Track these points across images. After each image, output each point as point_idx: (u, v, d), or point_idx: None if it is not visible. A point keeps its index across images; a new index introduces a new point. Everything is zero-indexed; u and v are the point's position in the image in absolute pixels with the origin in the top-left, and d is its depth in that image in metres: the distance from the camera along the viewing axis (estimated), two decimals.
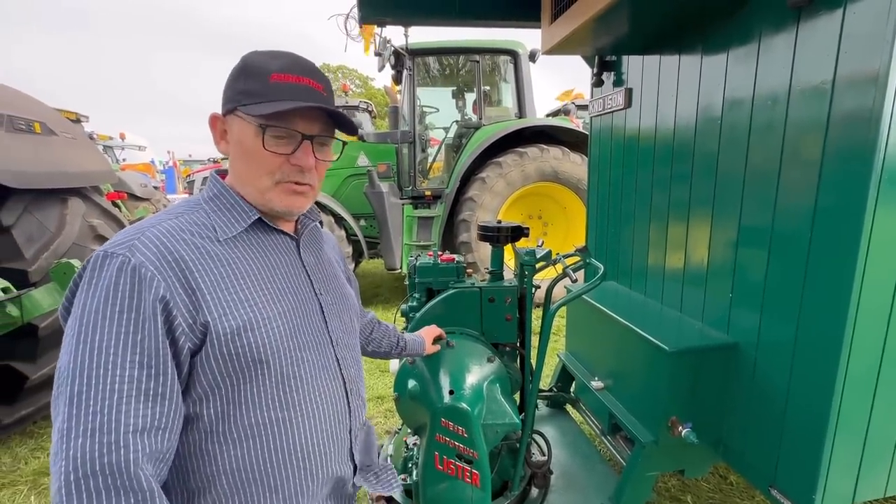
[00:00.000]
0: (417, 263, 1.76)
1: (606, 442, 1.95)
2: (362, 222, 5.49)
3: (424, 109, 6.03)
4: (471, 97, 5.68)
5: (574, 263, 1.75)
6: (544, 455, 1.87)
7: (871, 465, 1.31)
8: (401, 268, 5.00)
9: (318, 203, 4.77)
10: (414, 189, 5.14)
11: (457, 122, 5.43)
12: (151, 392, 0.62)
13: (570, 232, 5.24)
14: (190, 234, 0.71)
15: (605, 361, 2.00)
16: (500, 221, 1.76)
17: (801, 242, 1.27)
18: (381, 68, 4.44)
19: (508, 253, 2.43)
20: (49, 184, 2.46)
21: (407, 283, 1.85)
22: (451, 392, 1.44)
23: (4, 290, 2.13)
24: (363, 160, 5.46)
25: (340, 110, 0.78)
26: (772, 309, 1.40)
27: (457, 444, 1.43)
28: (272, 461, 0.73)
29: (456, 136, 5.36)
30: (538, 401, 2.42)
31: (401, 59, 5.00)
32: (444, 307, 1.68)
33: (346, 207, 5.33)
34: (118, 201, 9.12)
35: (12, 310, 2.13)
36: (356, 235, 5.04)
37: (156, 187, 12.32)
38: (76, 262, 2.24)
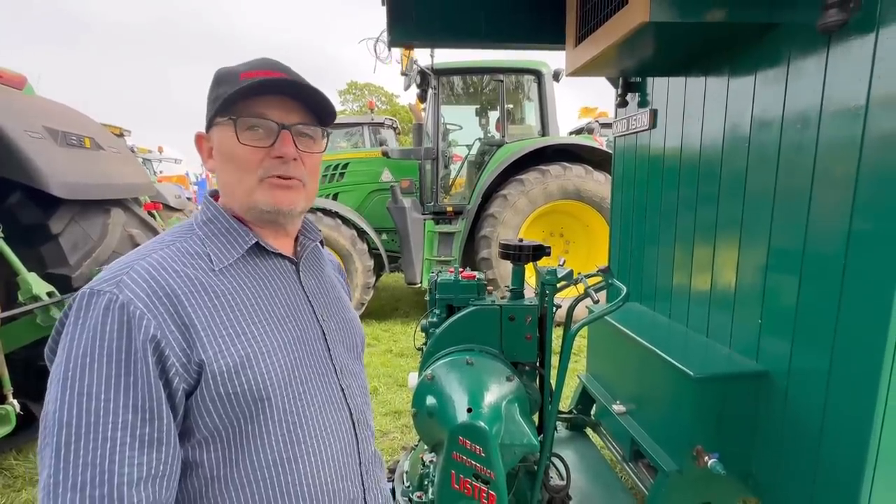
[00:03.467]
0: (438, 279, 1.78)
1: (628, 469, 1.89)
2: (384, 236, 5.57)
3: (448, 127, 6.14)
4: (494, 115, 5.75)
5: (596, 284, 1.74)
6: (563, 479, 1.83)
7: None
8: (421, 282, 5.03)
9: (340, 216, 4.89)
10: (436, 205, 5.20)
11: (480, 139, 5.50)
12: (147, 438, 0.59)
13: (591, 251, 5.17)
14: (182, 265, 0.67)
15: (628, 385, 1.95)
16: (521, 240, 1.77)
17: (835, 267, 1.23)
18: (407, 87, 4.57)
19: (529, 271, 2.43)
20: (96, 195, 2.61)
21: (427, 298, 1.87)
22: (469, 410, 1.44)
23: (49, 294, 2.26)
24: (387, 176, 5.57)
25: (315, 87, 0.74)
26: (804, 336, 1.35)
27: (474, 463, 1.42)
28: (277, 503, 0.68)
29: (479, 153, 5.43)
30: (557, 423, 2.38)
31: (426, 78, 5.13)
32: (464, 324, 1.69)
33: (369, 221, 5.43)
34: (154, 211, 9.59)
35: (55, 312, 2.25)
36: (378, 249, 5.11)
37: (189, 198, 12.88)
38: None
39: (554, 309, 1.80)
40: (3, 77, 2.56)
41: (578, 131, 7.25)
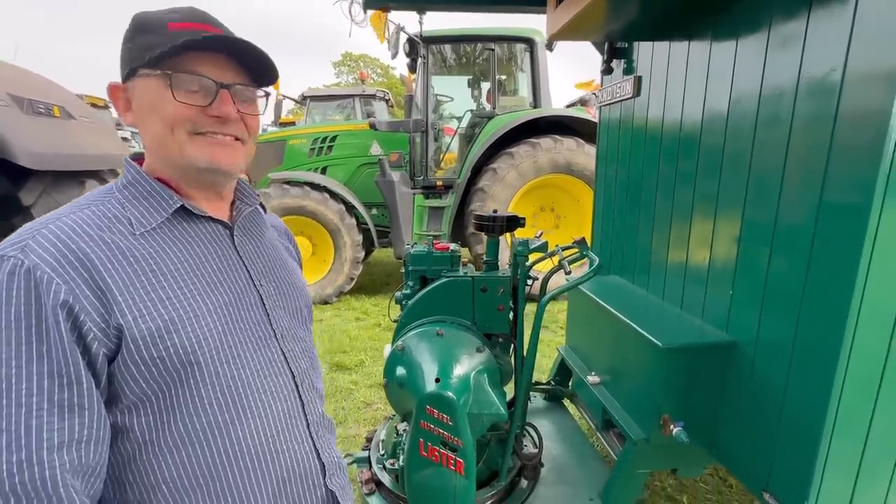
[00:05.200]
0: (412, 251, 1.75)
1: (602, 438, 1.92)
2: (374, 211, 5.51)
3: (438, 98, 5.98)
4: (487, 87, 5.60)
5: (570, 255, 1.73)
6: (536, 447, 1.86)
7: (871, 472, 1.26)
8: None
9: (328, 190, 4.82)
10: (425, 179, 5.13)
11: (471, 111, 5.37)
12: (66, 403, 0.58)
13: (583, 225, 5.14)
14: (98, 229, 0.64)
15: (602, 356, 1.96)
16: (495, 211, 1.74)
17: (804, 239, 1.21)
18: (393, 55, 4.41)
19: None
20: (66, 166, 2.55)
21: (402, 270, 1.85)
22: (437, 380, 1.44)
23: None
24: (376, 149, 5.47)
25: (252, 42, 0.70)
26: (772, 307, 1.34)
27: (441, 431, 1.44)
28: (216, 466, 0.68)
29: (469, 125, 5.31)
30: (535, 394, 2.41)
31: (415, 47, 4.96)
32: (436, 296, 1.68)
33: (358, 196, 5.35)
34: None
35: None
36: (367, 224, 5.07)
37: None
38: None
39: (529, 281, 1.80)
40: None
41: (574, 104, 7.10)
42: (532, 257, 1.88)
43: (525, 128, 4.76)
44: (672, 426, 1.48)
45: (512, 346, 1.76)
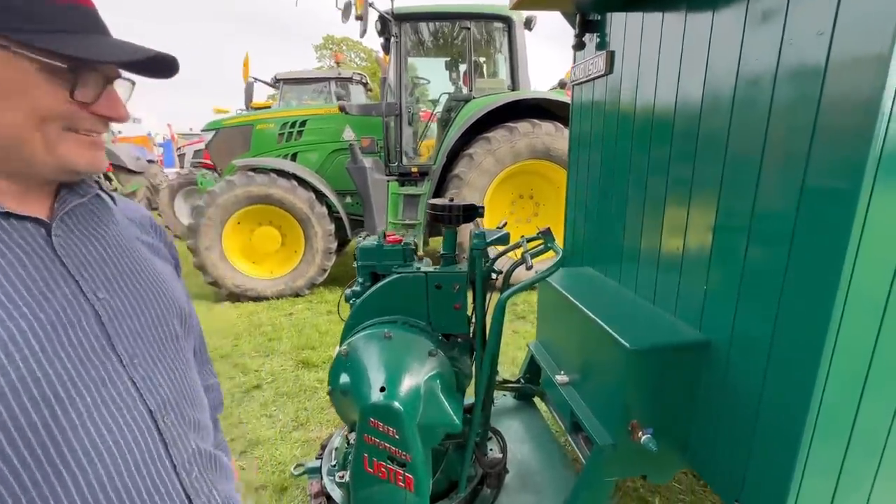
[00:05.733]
0: (360, 244, 1.59)
1: (571, 440, 1.81)
2: (348, 199, 5.29)
3: (414, 81, 5.74)
4: (465, 69, 5.38)
5: (535, 247, 1.58)
6: (501, 453, 1.74)
7: (853, 475, 1.16)
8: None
9: (296, 178, 4.58)
10: (399, 165, 4.92)
11: (447, 94, 5.15)
12: None
13: (563, 213, 5.02)
14: None
15: (571, 355, 1.84)
16: (451, 199, 1.57)
17: (785, 226, 1.08)
18: (362, 33, 4.15)
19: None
20: None
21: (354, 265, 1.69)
22: (382, 389, 1.30)
23: None
24: (349, 134, 5.22)
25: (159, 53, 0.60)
26: (748, 301, 1.22)
27: (387, 445, 1.29)
28: None
29: (445, 109, 5.10)
30: (505, 392, 2.29)
31: (387, 26, 4.70)
32: (386, 293, 1.52)
33: (331, 184, 5.12)
34: (108, 173, 8.97)
35: None
36: (339, 213, 4.86)
37: (152, 161, 12.15)
38: None
39: (495, 275, 1.65)
40: None
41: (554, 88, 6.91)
42: (496, 250, 1.73)
43: (504, 112, 4.57)
44: (641, 433, 1.36)
45: (471, 347, 1.63)
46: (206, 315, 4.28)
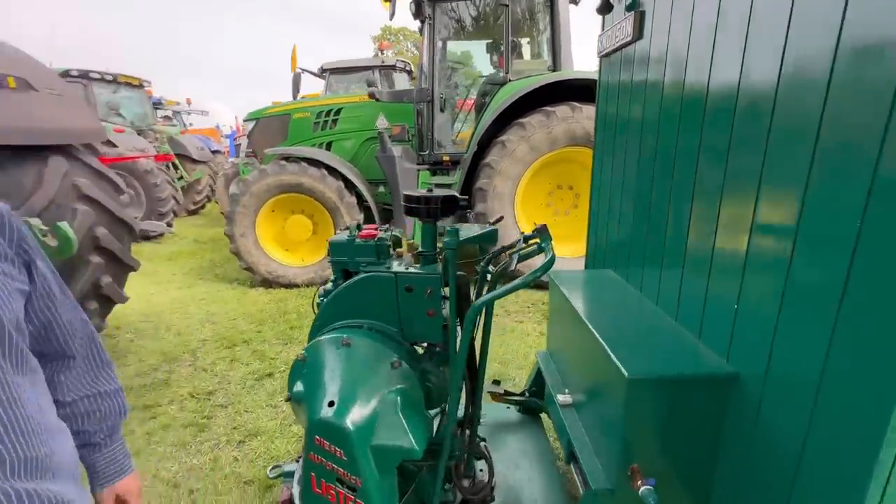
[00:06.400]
0: (332, 239, 1.44)
1: (574, 469, 1.57)
2: (381, 189, 5.22)
3: (452, 66, 5.51)
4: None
5: (529, 248, 1.35)
6: (487, 476, 1.54)
7: None
8: (413, 239, 4.71)
9: (326, 166, 4.56)
10: (431, 154, 4.75)
11: (482, 78, 4.87)
12: None
13: None
14: None
15: (576, 372, 1.58)
16: (430, 190, 1.37)
17: (846, 231, 0.77)
18: (392, 16, 4.00)
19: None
20: (20, 140, 2.42)
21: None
22: (330, 403, 1.15)
23: None
24: (382, 122, 5.11)
25: None
26: (791, 325, 0.91)
27: (335, 466, 1.15)
28: None
29: (480, 94, 4.82)
30: (509, 405, 2.07)
31: (421, 7, 4.50)
32: (353, 294, 1.36)
33: (364, 173, 5.08)
34: (174, 162, 9.64)
35: None
36: (368, 202, 4.79)
37: (217, 151, 12.94)
38: (35, 221, 2.20)
39: (489, 277, 1.44)
40: None
41: None
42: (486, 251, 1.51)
43: (546, 95, 4.20)
44: (640, 482, 1.10)
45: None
46: (238, 299, 4.43)
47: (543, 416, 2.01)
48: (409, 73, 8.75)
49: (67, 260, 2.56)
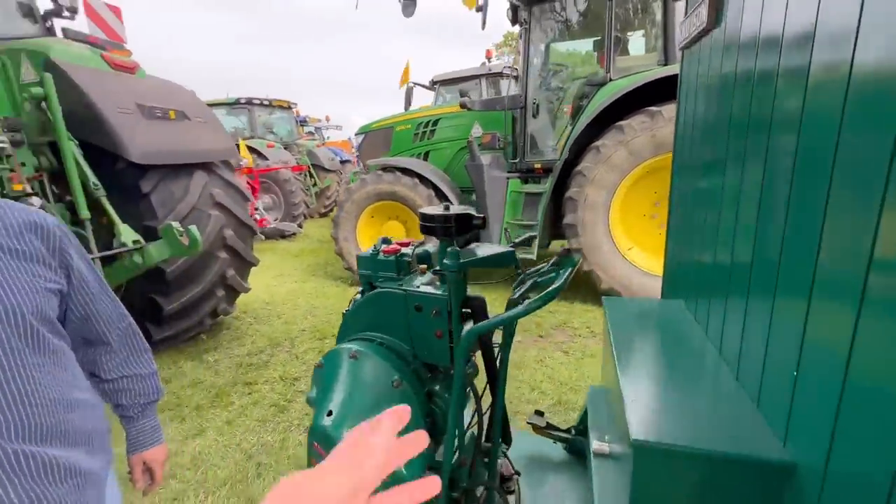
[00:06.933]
0: (359, 253, 1.50)
1: None
2: (473, 198, 5.27)
3: (553, 68, 5.28)
4: (617, 48, 4.63)
5: (547, 273, 1.22)
6: None
7: None
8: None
9: (419, 176, 4.77)
10: (521, 161, 4.61)
11: (579, 79, 4.56)
12: None
13: None
14: None
15: (612, 419, 1.37)
16: (447, 206, 1.33)
17: None
18: (483, 25, 4.00)
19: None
20: (173, 160, 3.07)
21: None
22: (329, 413, 1.19)
23: (135, 242, 2.80)
24: (477, 130, 5.16)
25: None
26: (859, 409, 0.65)
27: None
28: None
29: (577, 97, 4.52)
30: (558, 442, 1.89)
31: (518, 12, 4.41)
32: (368, 309, 1.39)
33: (457, 182, 5.18)
34: (310, 171, 11.14)
35: (137, 258, 2.78)
36: None
37: (347, 161, 14.62)
38: (176, 224, 2.75)
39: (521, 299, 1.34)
40: (117, 64, 3.14)
41: None
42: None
43: (653, 93, 3.75)
44: None
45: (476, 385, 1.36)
46: (339, 296, 4.91)
47: None
48: (517, 79, 8.65)
49: (200, 255, 3.16)
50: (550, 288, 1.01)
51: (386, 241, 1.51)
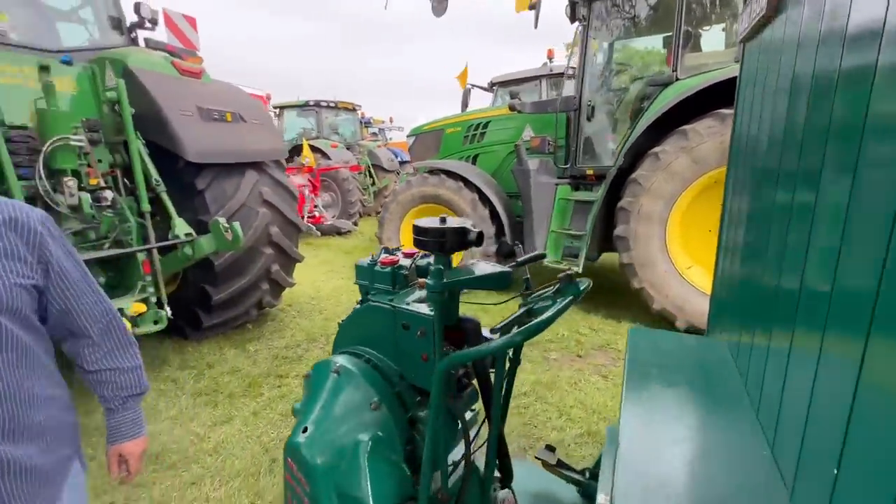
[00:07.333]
0: (358, 262, 1.44)
1: None
2: (520, 203, 5.07)
3: (616, 67, 4.92)
4: (688, 44, 4.21)
5: (540, 295, 1.08)
6: None
7: None
8: (544, 257, 4.39)
9: (463, 179, 4.67)
10: (573, 167, 4.34)
11: (641, 78, 4.19)
12: None
13: None
14: None
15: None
16: (444, 219, 1.21)
17: None
18: (536, 24, 3.81)
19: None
20: (226, 159, 3.26)
21: None
22: (304, 430, 1.14)
23: (187, 235, 3.00)
24: (528, 134, 4.96)
25: None
26: None
27: (302, 493, 1.14)
28: None
29: (637, 98, 4.15)
30: (572, 485, 1.70)
31: (577, 9, 4.16)
32: (358, 321, 1.33)
33: (504, 186, 5.02)
34: (370, 171, 11.52)
35: (188, 249, 2.98)
36: (501, 217, 4.70)
37: (406, 161, 14.93)
38: (222, 220, 2.91)
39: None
40: (185, 70, 3.41)
41: None
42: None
43: (726, 94, 3.33)
44: None
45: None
46: None
47: None
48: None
49: (246, 250, 3.34)
50: (533, 322, 0.87)
51: (387, 250, 1.45)
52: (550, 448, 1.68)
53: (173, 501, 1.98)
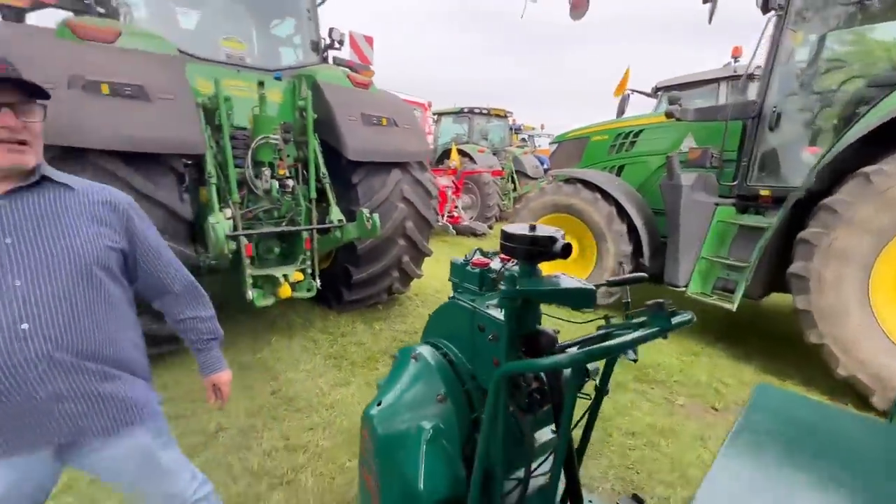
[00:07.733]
0: (454, 260, 1.50)
1: None
2: (666, 221, 4.48)
3: (824, 66, 3.95)
4: None
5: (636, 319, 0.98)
6: None
7: None
8: (687, 286, 3.80)
9: (601, 190, 4.35)
10: (742, 185, 3.63)
11: (857, 77, 3.24)
12: None
13: None
14: None
15: None
16: (533, 227, 1.18)
17: None
18: (710, 18, 3.28)
19: None
20: (376, 158, 3.72)
21: None
22: (379, 403, 1.26)
23: (339, 221, 3.54)
24: (689, 143, 4.35)
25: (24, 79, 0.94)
26: None
27: (370, 460, 1.26)
28: None
29: (852, 102, 3.23)
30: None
31: None
32: (440, 318, 1.39)
33: (651, 202, 4.51)
34: (513, 176, 11.66)
35: (338, 233, 3.51)
36: (641, 235, 4.21)
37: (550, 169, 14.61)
38: (366, 211, 3.34)
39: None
40: (357, 82, 4.00)
41: None
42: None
43: None
44: None
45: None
46: None
47: None
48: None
49: (383, 239, 3.76)
50: (600, 345, 0.79)
51: (481, 252, 1.48)
52: (638, 499, 1.48)
53: (293, 438, 2.38)
